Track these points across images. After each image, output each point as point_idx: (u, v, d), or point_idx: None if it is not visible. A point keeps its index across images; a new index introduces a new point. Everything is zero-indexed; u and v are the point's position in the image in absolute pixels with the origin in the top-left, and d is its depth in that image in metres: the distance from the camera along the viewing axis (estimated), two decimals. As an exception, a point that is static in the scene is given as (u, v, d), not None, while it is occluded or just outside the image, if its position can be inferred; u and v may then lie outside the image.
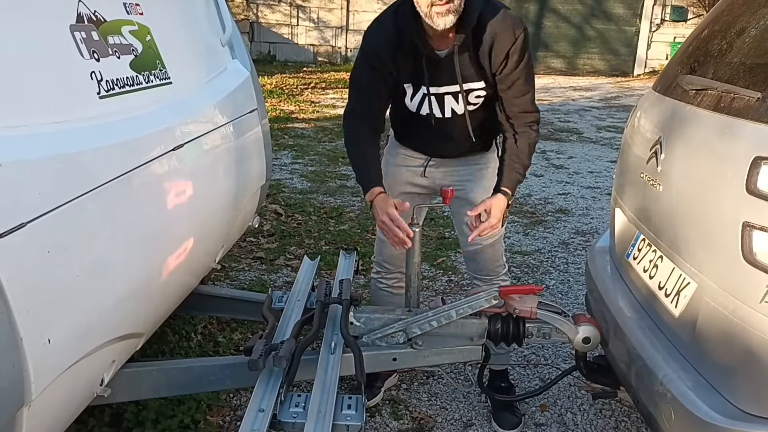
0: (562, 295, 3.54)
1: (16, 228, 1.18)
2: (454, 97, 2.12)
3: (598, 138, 8.15)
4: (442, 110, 2.15)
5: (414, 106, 2.17)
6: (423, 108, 2.15)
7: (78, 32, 1.62)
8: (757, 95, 1.54)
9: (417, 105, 2.16)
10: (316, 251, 3.95)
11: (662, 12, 15.44)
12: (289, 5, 14.82)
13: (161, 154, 1.81)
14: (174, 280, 1.97)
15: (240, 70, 2.64)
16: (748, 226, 1.44)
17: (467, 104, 2.13)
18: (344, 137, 2.27)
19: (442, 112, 2.16)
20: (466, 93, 2.11)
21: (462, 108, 2.14)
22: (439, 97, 2.12)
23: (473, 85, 2.10)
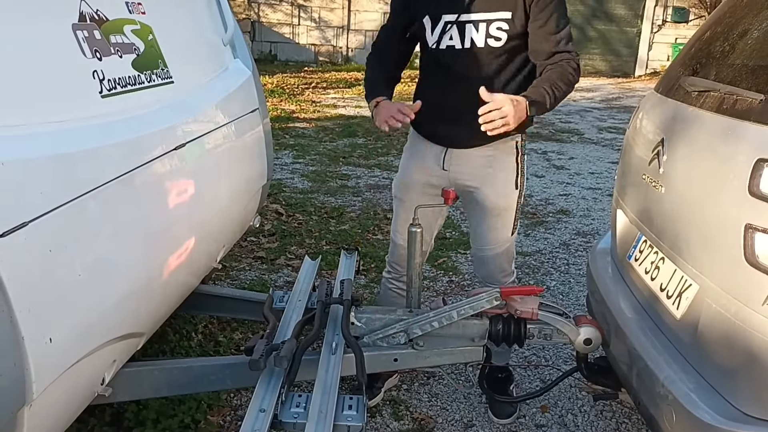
0: (563, 296, 3.54)
1: (17, 227, 1.18)
2: (474, 26, 2.10)
3: (599, 139, 8.15)
4: (462, 40, 2.12)
5: (434, 39, 2.15)
6: (443, 40, 2.14)
7: (80, 31, 1.62)
8: (760, 97, 1.53)
9: (437, 38, 2.15)
10: (316, 251, 3.95)
11: (664, 13, 15.44)
12: (290, 5, 14.82)
13: (163, 153, 1.80)
14: (175, 279, 1.97)
15: (241, 70, 2.64)
16: (751, 228, 1.44)
17: (489, 36, 2.10)
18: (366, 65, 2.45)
19: (462, 42, 2.12)
20: (488, 23, 2.09)
21: (482, 39, 2.10)
22: (459, 25, 2.11)
23: (498, 14, 2.08)
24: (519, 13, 2.08)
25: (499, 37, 2.10)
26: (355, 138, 7.47)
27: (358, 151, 6.80)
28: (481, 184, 2.27)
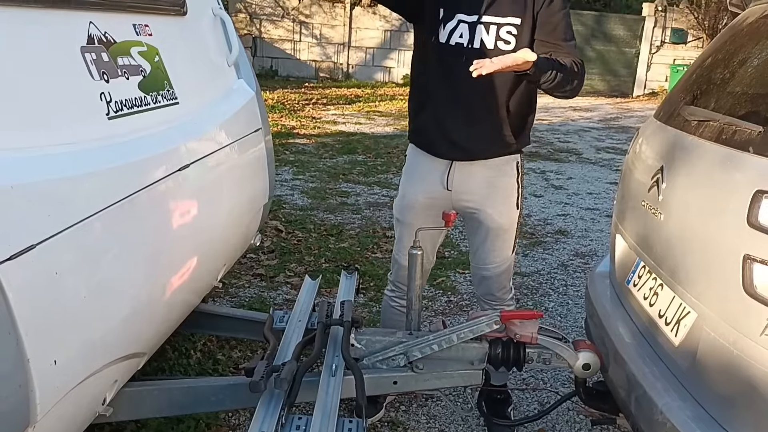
0: (561, 317, 3.55)
1: (25, 250, 1.20)
2: (485, 28, 2.12)
3: (598, 159, 8.19)
4: (472, 39, 2.13)
5: (445, 35, 2.15)
6: (453, 37, 2.14)
7: (88, 53, 1.64)
8: (759, 129, 1.56)
9: (448, 34, 2.15)
10: (316, 269, 3.96)
11: (662, 34, 15.60)
12: (292, 21, 14.93)
13: (167, 174, 1.82)
14: (177, 299, 1.98)
15: (245, 90, 2.66)
16: (749, 259, 1.46)
17: (499, 39, 2.12)
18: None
19: (472, 42, 2.13)
20: (498, 26, 2.12)
21: (492, 41, 2.12)
22: (471, 26, 2.12)
23: (508, 19, 2.11)
24: (527, 21, 2.12)
25: (509, 40, 2.13)
26: (355, 155, 7.50)
27: (358, 168, 6.83)
28: (483, 205, 2.29)
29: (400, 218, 2.40)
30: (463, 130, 2.19)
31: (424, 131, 2.30)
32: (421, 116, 2.30)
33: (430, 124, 2.26)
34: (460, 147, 2.22)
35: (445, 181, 2.27)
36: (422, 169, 2.33)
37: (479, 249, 2.36)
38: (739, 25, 2.10)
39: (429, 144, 2.29)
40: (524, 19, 2.11)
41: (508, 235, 2.32)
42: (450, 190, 2.27)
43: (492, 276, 2.38)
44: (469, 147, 2.21)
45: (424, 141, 2.32)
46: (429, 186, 2.30)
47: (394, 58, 15.28)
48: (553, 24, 2.12)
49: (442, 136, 2.23)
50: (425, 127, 2.29)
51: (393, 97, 12.80)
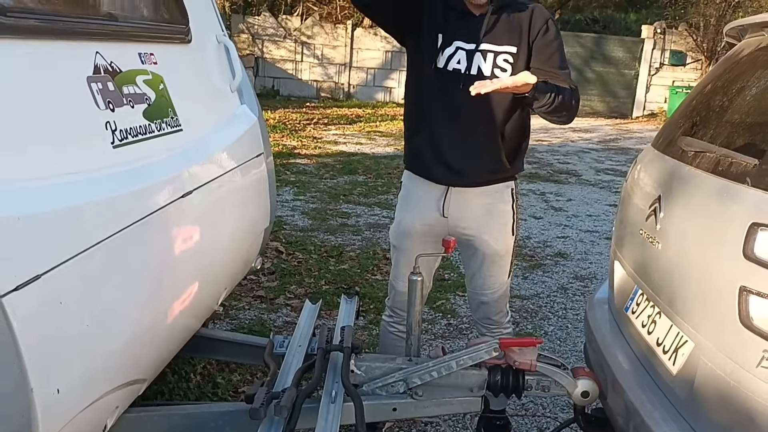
0: (561, 341, 3.55)
1: (31, 280, 1.21)
2: (482, 55, 2.16)
3: (597, 180, 8.23)
4: (469, 66, 2.16)
5: (443, 60, 2.18)
6: (451, 63, 2.18)
7: (95, 83, 1.67)
8: (755, 162, 1.58)
9: (446, 60, 2.18)
10: (316, 291, 3.97)
11: (661, 56, 15.71)
12: (294, 42, 15.07)
13: (170, 201, 1.84)
14: (178, 324, 1.99)
15: (248, 115, 2.69)
16: (745, 291, 1.47)
17: (496, 66, 2.16)
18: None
19: (469, 69, 2.16)
20: (495, 54, 2.16)
21: (489, 69, 2.15)
22: (468, 53, 2.16)
23: (504, 48, 2.15)
24: (523, 49, 2.16)
25: (505, 68, 2.16)
26: (356, 175, 7.54)
27: (359, 189, 6.86)
28: (479, 231, 2.31)
29: (397, 245, 2.42)
30: (458, 153, 2.22)
31: (419, 154, 2.32)
32: (416, 138, 2.33)
33: (425, 147, 2.29)
34: (455, 170, 2.24)
35: (441, 207, 2.29)
36: (418, 196, 2.35)
37: (476, 275, 2.38)
38: (735, 56, 2.13)
39: (424, 168, 2.31)
40: (520, 47, 2.15)
41: (504, 261, 2.34)
42: (446, 217, 2.29)
43: (489, 301, 2.39)
44: (463, 171, 2.23)
45: (419, 165, 2.34)
46: (425, 213, 2.32)
47: (394, 78, 15.39)
48: (548, 53, 2.16)
49: (438, 159, 2.25)
50: (421, 150, 2.31)
51: (393, 117, 12.87)
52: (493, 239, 2.31)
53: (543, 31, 2.15)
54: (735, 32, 2.24)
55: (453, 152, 2.23)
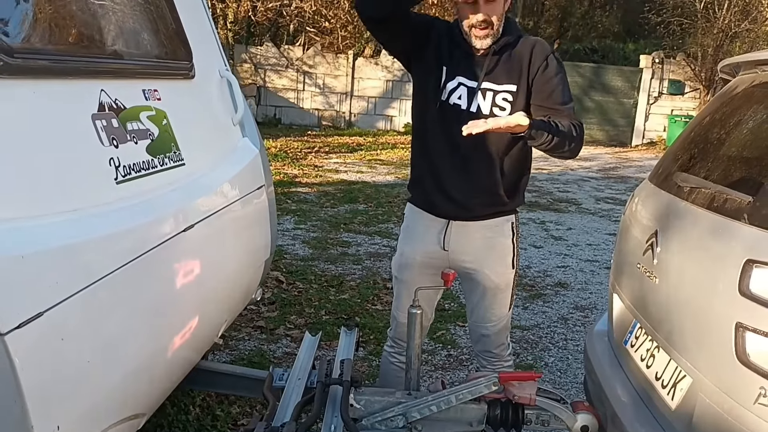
0: (561, 373, 3.54)
1: (33, 318, 1.23)
2: (482, 94, 2.19)
3: (597, 209, 8.25)
4: (470, 103, 2.20)
5: (446, 93, 2.22)
6: (453, 97, 2.21)
7: (99, 120, 1.70)
8: (749, 198, 1.60)
9: (448, 92, 2.22)
10: (316, 321, 3.97)
11: (660, 86, 15.84)
12: (296, 71, 15.22)
13: (172, 235, 1.86)
14: (178, 357, 2.00)
15: (250, 148, 2.72)
16: (741, 327, 1.48)
17: (495, 105, 2.19)
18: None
19: (469, 106, 2.20)
20: (495, 93, 2.19)
21: (488, 107, 2.19)
22: (470, 90, 2.20)
23: (504, 86, 2.19)
24: (522, 87, 2.19)
25: (504, 107, 2.19)
26: (356, 204, 7.57)
27: (359, 218, 6.88)
28: (480, 265, 2.32)
29: (399, 276, 2.44)
30: (457, 187, 2.25)
31: (420, 184, 2.36)
32: (418, 169, 2.38)
33: (426, 178, 2.32)
34: (455, 203, 2.27)
35: (442, 240, 2.31)
36: (420, 229, 2.37)
37: (476, 308, 2.39)
38: (729, 92, 2.17)
39: (425, 200, 2.34)
40: (519, 86, 2.19)
41: (505, 294, 2.35)
42: (447, 250, 2.31)
43: (490, 334, 2.40)
44: (464, 204, 2.26)
45: (420, 196, 2.37)
46: (427, 246, 2.34)
47: (395, 107, 15.52)
48: (548, 90, 2.18)
49: (439, 191, 2.28)
50: (422, 181, 2.35)
51: (394, 146, 12.96)
52: (494, 273, 2.32)
53: (543, 68, 2.18)
54: (729, 69, 2.28)
55: (453, 185, 2.26)
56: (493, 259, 2.31)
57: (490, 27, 2.11)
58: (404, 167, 10.28)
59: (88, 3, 1.80)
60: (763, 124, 1.89)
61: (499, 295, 2.36)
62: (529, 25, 21.86)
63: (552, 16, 23.56)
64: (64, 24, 1.70)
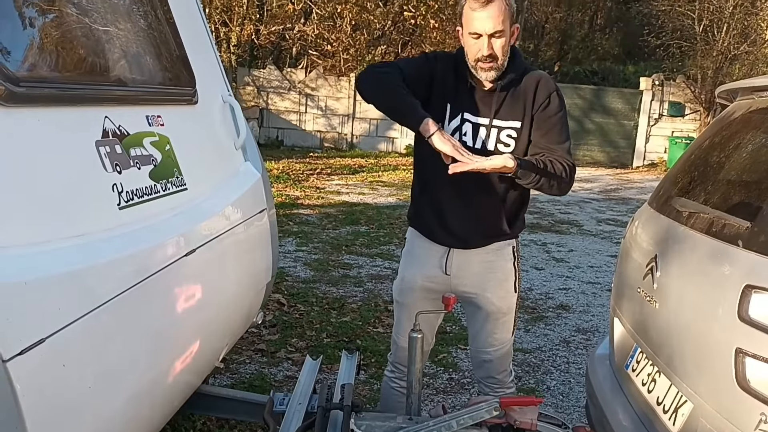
0: (563, 396, 3.52)
1: (35, 344, 1.23)
2: (487, 130, 2.19)
3: (598, 231, 8.25)
4: (474, 139, 2.20)
5: (450, 129, 2.22)
6: (458, 134, 2.21)
7: (103, 147, 1.72)
8: (747, 224, 1.61)
9: (452, 130, 2.21)
10: (317, 344, 3.96)
11: (660, 107, 15.93)
12: (298, 94, 15.33)
13: (173, 260, 1.87)
14: (179, 381, 2.00)
15: (251, 172, 2.74)
16: (741, 353, 1.49)
17: (499, 142, 2.19)
18: (371, 78, 2.22)
19: (474, 141, 2.20)
20: (499, 129, 2.19)
21: (493, 144, 2.19)
22: (474, 126, 2.20)
23: (508, 123, 2.18)
24: (526, 123, 2.19)
25: (509, 143, 2.20)
26: (358, 225, 7.58)
27: (361, 240, 6.89)
28: (481, 289, 2.32)
29: (400, 300, 2.44)
30: (458, 220, 2.26)
31: (422, 215, 2.37)
32: (420, 200, 2.38)
33: (428, 209, 2.33)
34: (456, 236, 2.28)
35: (443, 265, 2.31)
36: (421, 253, 2.38)
37: (479, 333, 2.39)
38: (726, 117, 2.19)
39: (427, 229, 2.36)
40: (523, 122, 2.19)
41: (507, 319, 2.35)
42: (449, 275, 2.32)
43: (492, 359, 2.39)
44: (464, 236, 2.27)
45: (422, 225, 2.38)
46: (428, 270, 2.34)
47: (397, 128, 15.59)
48: (547, 127, 2.18)
49: (440, 223, 2.30)
50: (423, 211, 2.36)
51: (396, 167, 13.01)
52: (495, 297, 2.32)
53: (545, 105, 2.18)
54: (726, 94, 2.30)
55: (453, 218, 2.27)
56: (495, 284, 2.32)
57: (494, 61, 2.10)
58: (406, 189, 10.31)
59: (92, 30, 1.83)
60: (760, 149, 1.91)
61: (501, 319, 2.35)
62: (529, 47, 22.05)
63: (552, 39, 23.77)
64: (69, 51, 1.72)
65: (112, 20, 1.96)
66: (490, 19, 2.05)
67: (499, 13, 2.05)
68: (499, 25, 2.06)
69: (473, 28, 2.09)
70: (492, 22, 2.06)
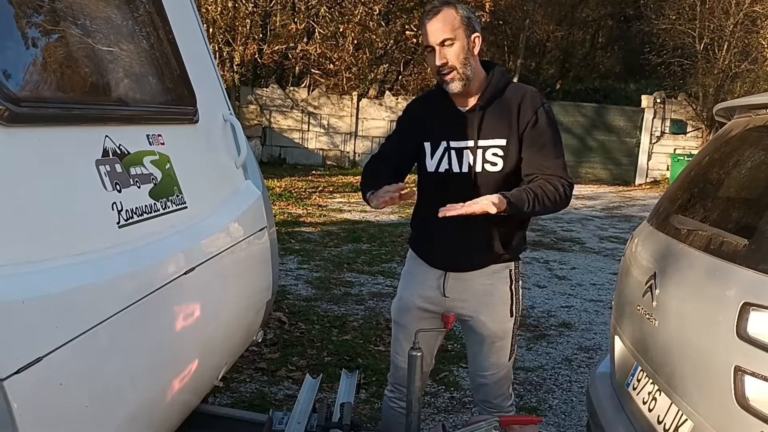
0: (565, 415, 3.50)
1: (32, 363, 1.23)
2: (472, 152, 2.18)
3: (601, 248, 8.24)
4: (460, 164, 2.20)
5: (434, 164, 2.23)
6: (442, 164, 2.22)
7: (103, 166, 1.72)
8: (745, 242, 1.61)
9: (436, 163, 2.23)
10: (318, 363, 3.95)
11: (662, 125, 15.96)
12: (301, 112, 15.41)
13: (173, 279, 1.87)
14: (178, 401, 1.99)
15: (252, 191, 2.75)
16: (740, 371, 1.48)
17: (486, 161, 2.18)
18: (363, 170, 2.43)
19: (460, 166, 2.20)
20: (484, 149, 2.18)
21: (480, 165, 2.18)
22: (458, 151, 2.20)
23: (493, 141, 2.17)
24: (513, 140, 2.17)
25: (495, 162, 2.18)
26: (360, 243, 7.58)
27: (362, 257, 6.89)
28: (477, 312, 2.30)
29: (398, 320, 2.42)
30: (453, 247, 2.26)
31: (421, 241, 2.40)
32: (420, 226, 2.40)
33: (424, 235, 2.36)
34: (450, 260, 2.29)
35: (441, 287, 2.31)
36: (419, 275, 2.37)
37: (476, 356, 2.37)
38: (724, 135, 2.20)
39: (424, 253, 2.37)
40: (510, 139, 2.16)
41: (504, 343, 2.32)
42: (447, 297, 2.31)
43: (489, 383, 2.37)
44: (458, 260, 2.28)
45: (420, 250, 2.40)
46: (426, 291, 2.34)
47: (399, 146, 15.64)
48: (538, 145, 2.16)
49: (434, 248, 2.32)
50: (420, 237, 2.39)
51: (398, 185, 13.01)
52: (491, 320, 2.30)
53: (532, 123, 2.15)
54: (724, 112, 2.31)
55: (446, 243, 2.27)
56: (491, 307, 2.30)
57: (453, 71, 2.11)
58: (407, 206, 10.30)
59: (93, 49, 1.85)
60: (758, 167, 1.91)
61: (498, 343, 2.32)
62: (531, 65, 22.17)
63: (554, 57, 23.90)
64: (69, 71, 1.74)
65: (112, 40, 1.98)
66: (437, 30, 2.10)
67: (445, 23, 2.10)
68: (447, 33, 2.10)
69: (425, 42, 2.16)
70: (438, 33, 2.10)
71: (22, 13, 1.56)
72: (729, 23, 15.11)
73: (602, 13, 23.63)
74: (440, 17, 2.10)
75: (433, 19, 2.11)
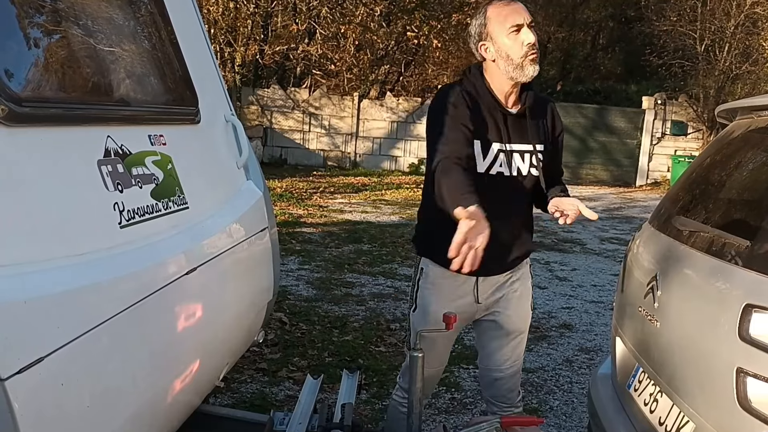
0: (566, 417, 3.50)
1: (33, 363, 1.23)
2: (521, 156, 2.18)
3: (602, 250, 8.24)
4: (510, 168, 2.17)
5: (485, 165, 2.15)
6: (494, 167, 2.15)
7: (105, 166, 1.72)
8: (746, 243, 1.61)
9: (489, 164, 2.15)
10: (319, 363, 3.94)
11: (663, 126, 15.97)
12: (302, 113, 15.42)
13: (174, 279, 1.87)
14: (178, 401, 1.99)
15: (253, 191, 2.75)
16: (742, 372, 1.48)
17: (531, 166, 2.19)
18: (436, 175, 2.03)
19: (510, 170, 2.18)
20: (532, 153, 2.19)
21: (527, 168, 2.19)
22: (508, 154, 2.17)
23: (539, 146, 2.21)
24: (548, 145, 2.25)
25: (538, 166, 2.22)
26: (361, 244, 7.58)
27: (363, 258, 6.89)
28: (505, 308, 2.32)
29: (426, 335, 2.22)
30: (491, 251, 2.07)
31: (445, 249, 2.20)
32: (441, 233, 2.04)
33: None
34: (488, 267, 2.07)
35: (474, 293, 2.27)
36: (446, 286, 2.27)
37: (495, 351, 2.37)
38: (726, 137, 2.19)
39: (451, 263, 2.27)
40: (546, 144, 2.24)
41: (523, 336, 2.40)
42: (480, 303, 2.29)
43: (504, 377, 2.39)
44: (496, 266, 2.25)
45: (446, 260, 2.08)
46: (458, 302, 2.26)
47: (400, 147, 15.66)
48: (557, 149, 2.30)
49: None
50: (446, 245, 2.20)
51: (399, 186, 13.04)
52: (516, 315, 2.34)
53: (560, 131, 2.28)
54: (726, 113, 2.31)
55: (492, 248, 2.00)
56: (519, 303, 2.35)
57: (538, 51, 2.10)
58: (408, 207, 10.32)
59: (95, 49, 1.85)
60: (759, 168, 1.91)
61: (518, 337, 2.38)
62: (532, 67, 22.08)
63: (555, 59, 23.89)
64: (71, 71, 1.74)
65: (114, 40, 1.98)
66: (522, 11, 2.10)
67: (524, 8, 2.12)
68: (529, 16, 2.10)
69: (512, 21, 2.06)
70: (525, 13, 2.09)
71: (24, 13, 1.56)
72: (730, 25, 15.11)
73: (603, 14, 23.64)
74: (519, 1, 2.13)
75: (515, 1, 2.11)
